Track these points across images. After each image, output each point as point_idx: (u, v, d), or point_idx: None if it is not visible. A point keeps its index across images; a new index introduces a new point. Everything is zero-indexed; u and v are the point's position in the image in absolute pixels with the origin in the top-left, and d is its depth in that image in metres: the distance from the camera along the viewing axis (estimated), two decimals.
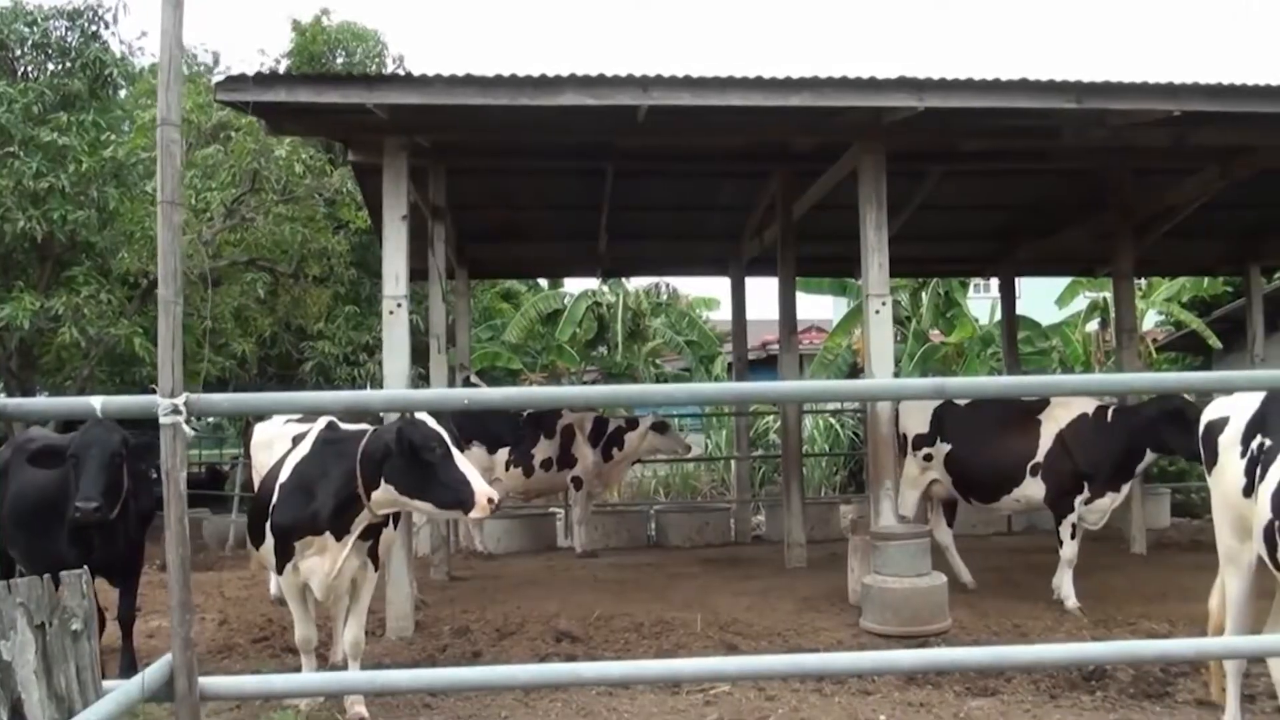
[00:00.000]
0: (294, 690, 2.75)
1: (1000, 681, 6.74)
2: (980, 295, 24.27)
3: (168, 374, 3.02)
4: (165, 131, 3.24)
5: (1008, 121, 8.67)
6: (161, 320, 3.11)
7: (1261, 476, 4.66)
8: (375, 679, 3.52)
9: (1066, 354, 21.07)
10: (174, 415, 2.92)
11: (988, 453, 9.38)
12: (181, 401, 2.95)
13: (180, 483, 3.00)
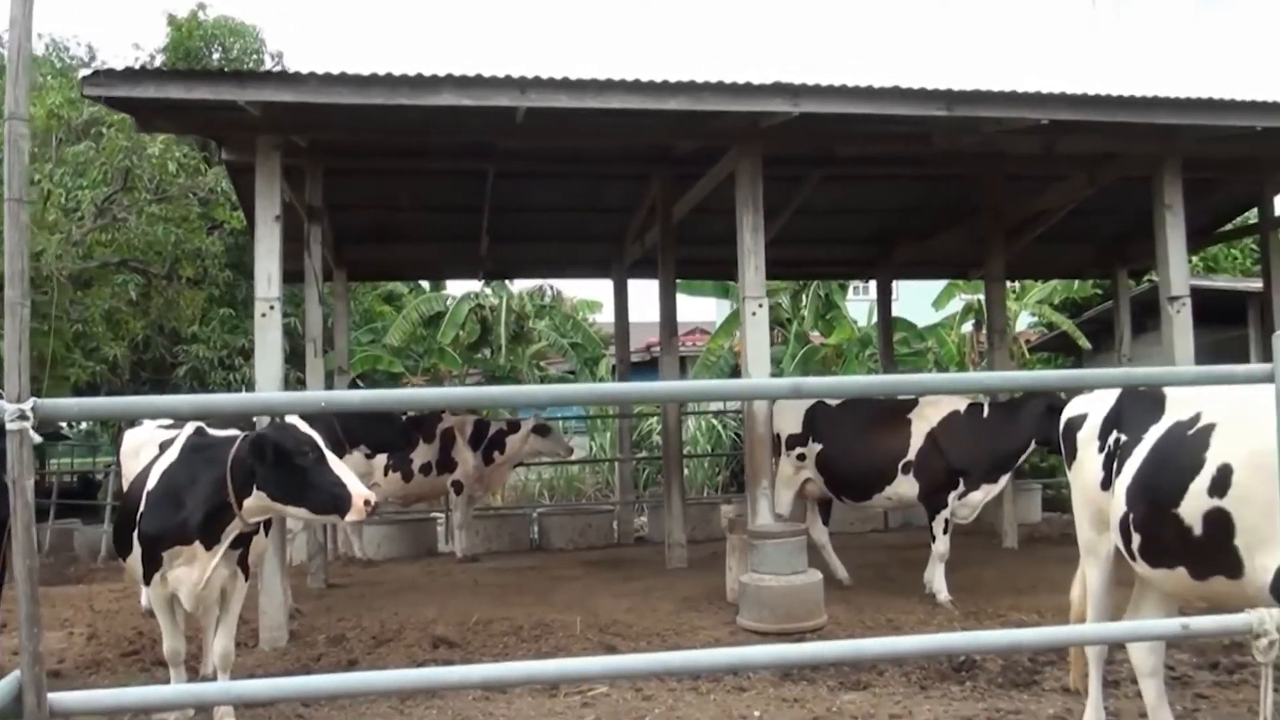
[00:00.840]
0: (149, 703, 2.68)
1: (873, 675, 6.87)
2: (860, 298, 24.69)
3: (14, 379, 2.91)
4: (13, 126, 3.12)
5: (882, 127, 8.83)
6: (8, 323, 3.00)
7: (1117, 471, 4.83)
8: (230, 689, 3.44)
9: (942, 355, 21.58)
10: (20, 421, 2.82)
11: (859, 452, 9.58)
12: (29, 406, 2.85)
13: (27, 491, 2.89)
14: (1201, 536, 4.28)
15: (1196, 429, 4.44)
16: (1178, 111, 8.62)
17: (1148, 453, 4.65)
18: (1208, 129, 8.93)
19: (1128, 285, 15.79)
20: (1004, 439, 9.25)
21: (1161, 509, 4.46)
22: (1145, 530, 4.61)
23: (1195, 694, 6.38)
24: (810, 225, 13.82)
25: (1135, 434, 4.79)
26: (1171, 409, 4.68)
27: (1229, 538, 4.16)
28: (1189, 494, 4.32)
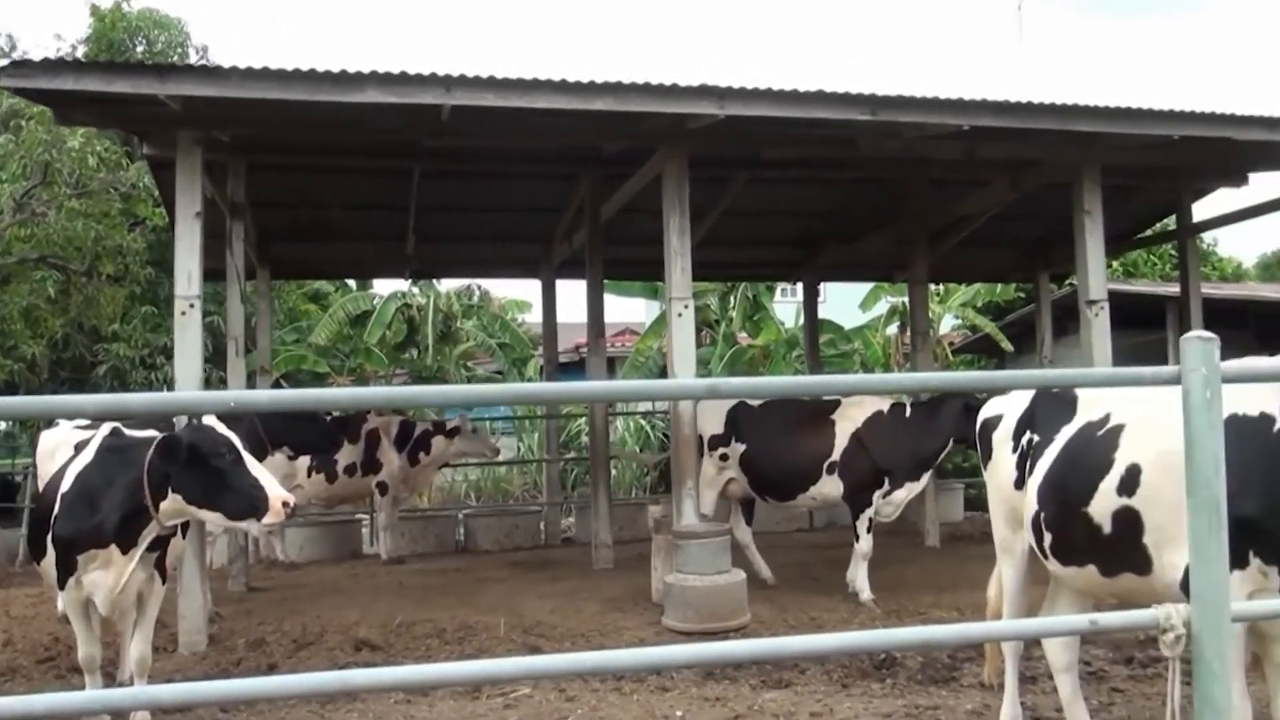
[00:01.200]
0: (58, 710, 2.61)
1: (795, 673, 6.93)
2: (787, 299, 24.85)
3: None
4: None
5: (807, 131, 8.90)
6: None
7: (1030, 470, 4.94)
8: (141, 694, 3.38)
9: (867, 356, 21.80)
10: None
11: (784, 452, 9.67)
12: None
13: None
14: (1111, 535, 4.38)
15: (1106, 429, 4.54)
16: (1097, 120, 8.80)
17: (1059, 453, 4.76)
18: (1126, 137, 9.10)
19: (1049, 289, 16.07)
20: (926, 438, 9.42)
21: (1072, 508, 4.55)
22: (1056, 529, 4.71)
23: (1111, 688, 6.53)
24: (738, 227, 13.90)
25: (1047, 434, 4.89)
26: (1083, 410, 4.78)
27: (1138, 536, 4.26)
28: (1099, 493, 4.42)
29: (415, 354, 24.40)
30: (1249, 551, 3.88)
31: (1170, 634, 2.87)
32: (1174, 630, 2.87)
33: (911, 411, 9.57)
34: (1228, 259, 32.50)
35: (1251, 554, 3.88)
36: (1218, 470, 2.81)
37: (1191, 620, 2.85)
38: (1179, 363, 2.88)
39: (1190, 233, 13.89)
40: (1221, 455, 2.84)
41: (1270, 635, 4.03)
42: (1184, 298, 13.41)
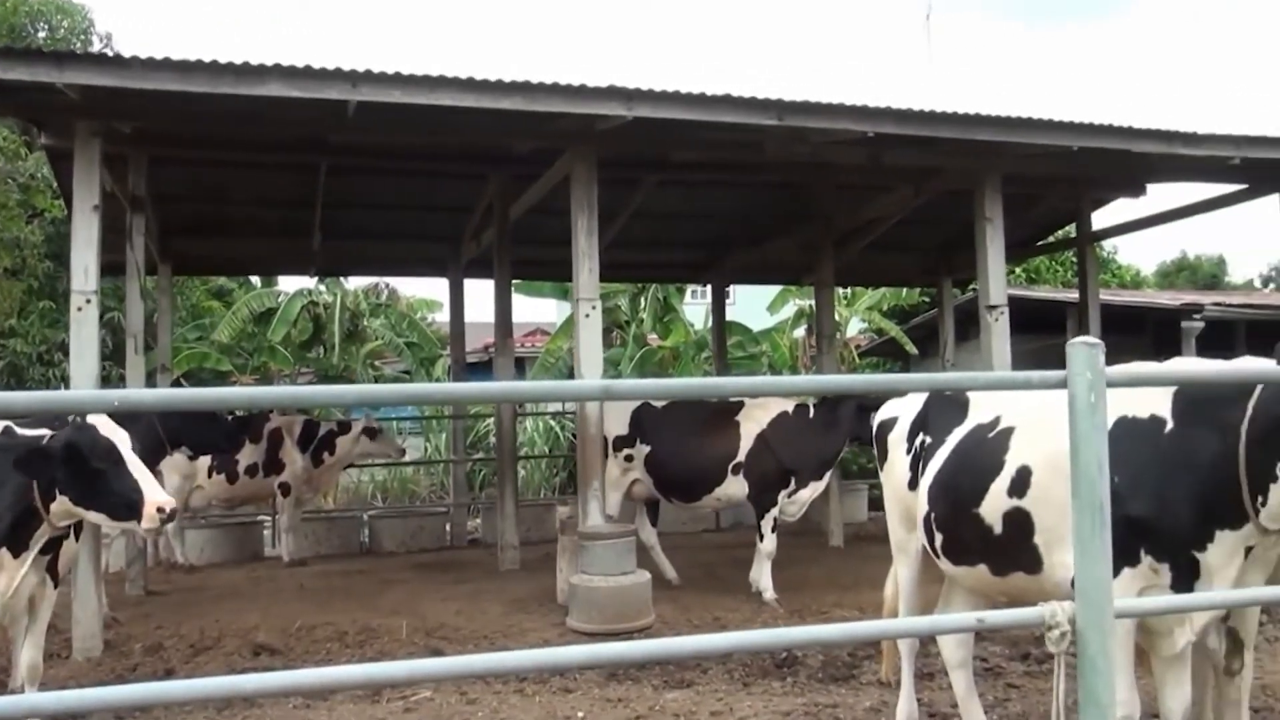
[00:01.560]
0: None
1: (696, 673, 6.97)
2: (698, 301, 24.98)
3: None
4: None
5: (716, 134, 8.93)
6: None
7: (923, 471, 5.03)
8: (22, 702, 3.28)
9: (775, 358, 22.02)
10: None
11: (688, 453, 9.74)
12: None
13: None
14: (1002, 535, 4.47)
15: (997, 432, 4.64)
16: (997, 129, 8.98)
17: (950, 454, 4.85)
18: (1026, 146, 9.29)
19: (952, 294, 16.36)
20: (829, 438, 9.58)
21: (963, 509, 4.64)
22: (948, 529, 4.80)
23: (1006, 684, 6.67)
24: (648, 228, 13.95)
25: (939, 436, 4.98)
26: (974, 413, 4.88)
27: (1028, 536, 4.35)
28: (989, 494, 4.51)
29: (321, 353, 24.04)
30: (1140, 549, 3.98)
31: (1056, 631, 2.93)
32: (1059, 627, 2.93)
33: (815, 412, 9.70)
34: (1127, 267, 33.41)
35: (1143, 552, 3.98)
36: (1101, 471, 2.88)
37: (1076, 617, 2.91)
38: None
39: (1089, 241, 14.24)
40: (1105, 457, 2.91)
41: (1157, 631, 4.15)
42: (1083, 304, 13.74)
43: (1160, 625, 4.13)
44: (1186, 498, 3.90)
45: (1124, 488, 3.98)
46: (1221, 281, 48.93)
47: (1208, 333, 15.85)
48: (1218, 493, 3.84)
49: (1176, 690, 4.30)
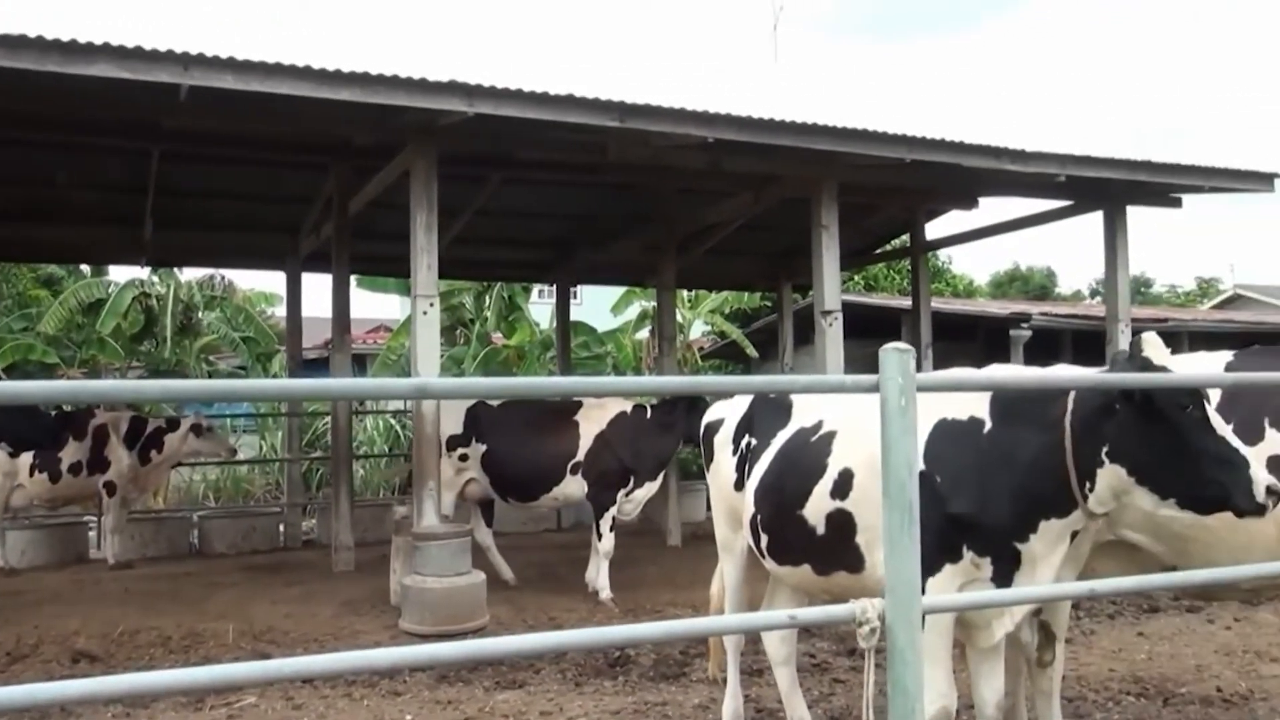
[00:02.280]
0: None
1: (529, 674, 6.96)
2: (544, 301, 24.92)
3: None
4: None
5: (559, 134, 8.89)
6: None
7: (749, 473, 5.10)
8: None
9: (620, 359, 22.13)
10: None
11: (526, 453, 9.72)
12: None
13: None
14: (825, 535, 4.56)
15: (820, 435, 4.73)
16: (834, 139, 9.16)
17: (774, 457, 4.93)
18: (862, 157, 9.48)
19: (792, 299, 16.69)
20: (666, 439, 9.70)
21: (787, 510, 4.72)
22: (773, 530, 4.88)
23: (833, 679, 6.82)
24: (493, 227, 13.87)
25: (765, 439, 5.06)
26: (797, 416, 4.97)
27: (850, 536, 4.45)
28: (813, 496, 4.60)
29: (153, 346, 23.13)
30: (963, 545, 4.11)
31: (866, 626, 2.99)
32: (869, 623, 2.98)
33: (652, 413, 9.80)
34: (960, 276, 34.62)
35: (965, 547, 4.11)
36: (911, 472, 2.94)
37: (885, 613, 2.97)
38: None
39: (923, 251, 14.70)
40: (915, 458, 2.98)
41: (976, 624, 4.29)
42: (915, 311, 14.17)
43: (979, 619, 4.27)
44: (1008, 492, 4.04)
45: (946, 487, 4.11)
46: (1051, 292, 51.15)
47: (1035, 341, 16.49)
48: (1043, 484, 3.99)
49: (991, 681, 4.46)
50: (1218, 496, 3.68)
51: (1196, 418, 3.69)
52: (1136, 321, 13.89)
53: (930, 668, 4.15)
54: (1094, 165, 10.19)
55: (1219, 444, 3.67)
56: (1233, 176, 10.98)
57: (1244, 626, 8.36)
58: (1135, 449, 3.76)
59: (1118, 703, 6.43)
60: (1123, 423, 3.76)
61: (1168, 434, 3.69)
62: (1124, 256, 11.33)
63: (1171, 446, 3.70)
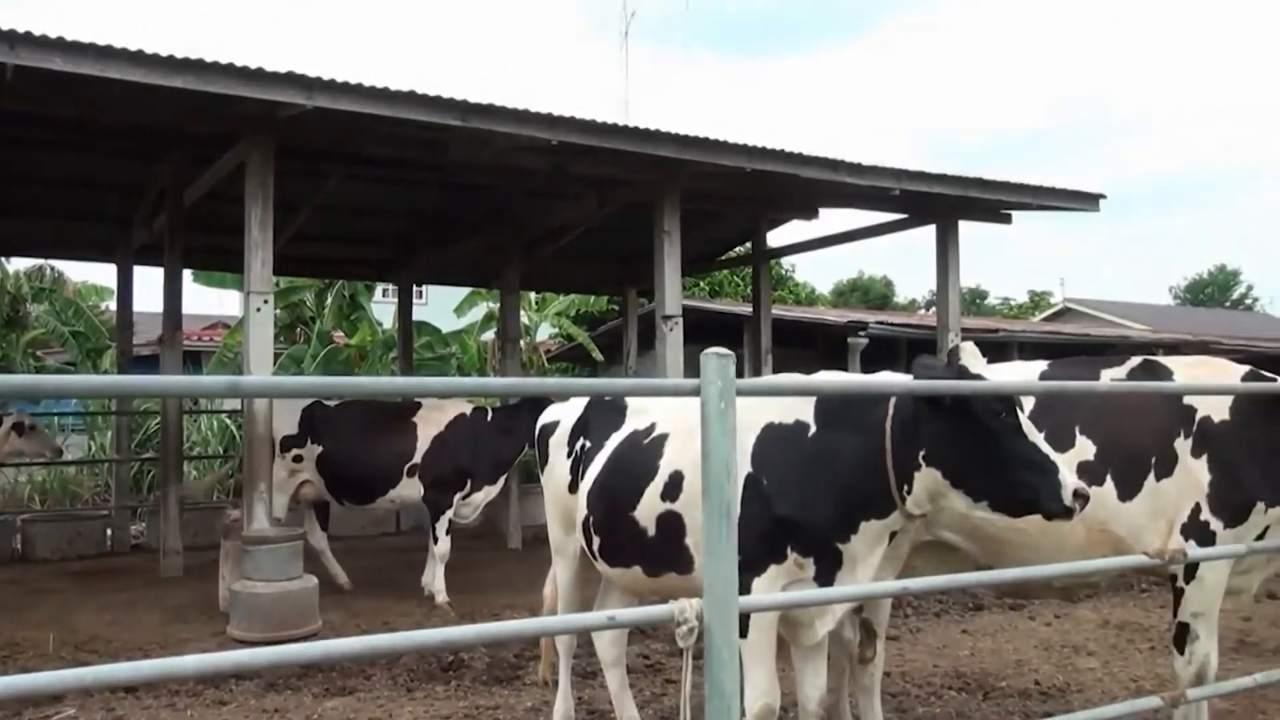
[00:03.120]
0: None
1: (359, 680, 6.86)
2: (389, 300, 24.51)
3: None
4: None
5: (402, 131, 8.77)
6: None
7: (582, 475, 5.12)
8: None
9: (464, 360, 21.93)
10: None
11: (362, 454, 9.58)
12: None
13: None
14: (655, 537, 4.61)
15: (652, 438, 4.78)
16: (676, 146, 9.26)
17: (607, 459, 4.96)
18: (704, 165, 9.59)
19: (637, 303, 16.78)
20: (506, 442, 9.64)
21: (620, 512, 4.76)
22: (605, 531, 4.91)
23: (665, 679, 6.88)
24: (335, 223, 13.62)
25: (599, 441, 5.09)
26: (631, 419, 5.01)
27: (680, 537, 4.50)
28: (645, 498, 4.65)
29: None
30: (787, 546, 4.19)
31: (684, 627, 3.02)
32: (688, 623, 3.02)
33: (493, 415, 9.75)
34: (803, 284, 35.37)
35: (789, 548, 4.19)
36: (730, 475, 3.00)
37: (704, 613, 3.01)
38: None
39: (764, 258, 14.97)
40: (734, 461, 3.03)
41: (800, 622, 4.39)
42: (756, 317, 14.41)
43: (803, 617, 4.37)
44: (830, 494, 4.14)
45: (771, 489, 4.19)
46: (890, 301, 52.74)
47: (872, 348, 16.94)
48: (864, 486, 4.10)
49: (814, 679, 4.57)
50: (1027, 499, 3.83)
51: (1008, 424, 3.84)
52: (968, 331, 14.43)
53: (754, 666, 4.24)
54: (927, 180, 10.53)
55: (1029, 449, 3.83)
56: (1060, 196, 11.47)
57: (1064, 623, 8.76)
58: (950, 453, 3.89)
59: (940, 697, 6.65)
60: (939, 428, 3.89)
61: (981, 439, 3.83)
62: (955, 269, 11.72)
63: (984, 451, 3.84)
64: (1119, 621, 8.72)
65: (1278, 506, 4.71)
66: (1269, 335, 33.69)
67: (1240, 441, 4.70)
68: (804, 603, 4.14)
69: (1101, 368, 5.10)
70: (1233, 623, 8.46)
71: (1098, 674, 7.25)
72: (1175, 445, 4.75)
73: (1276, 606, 9.41)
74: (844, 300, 48.50)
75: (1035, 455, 3.81)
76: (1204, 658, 4.87)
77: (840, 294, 52.05)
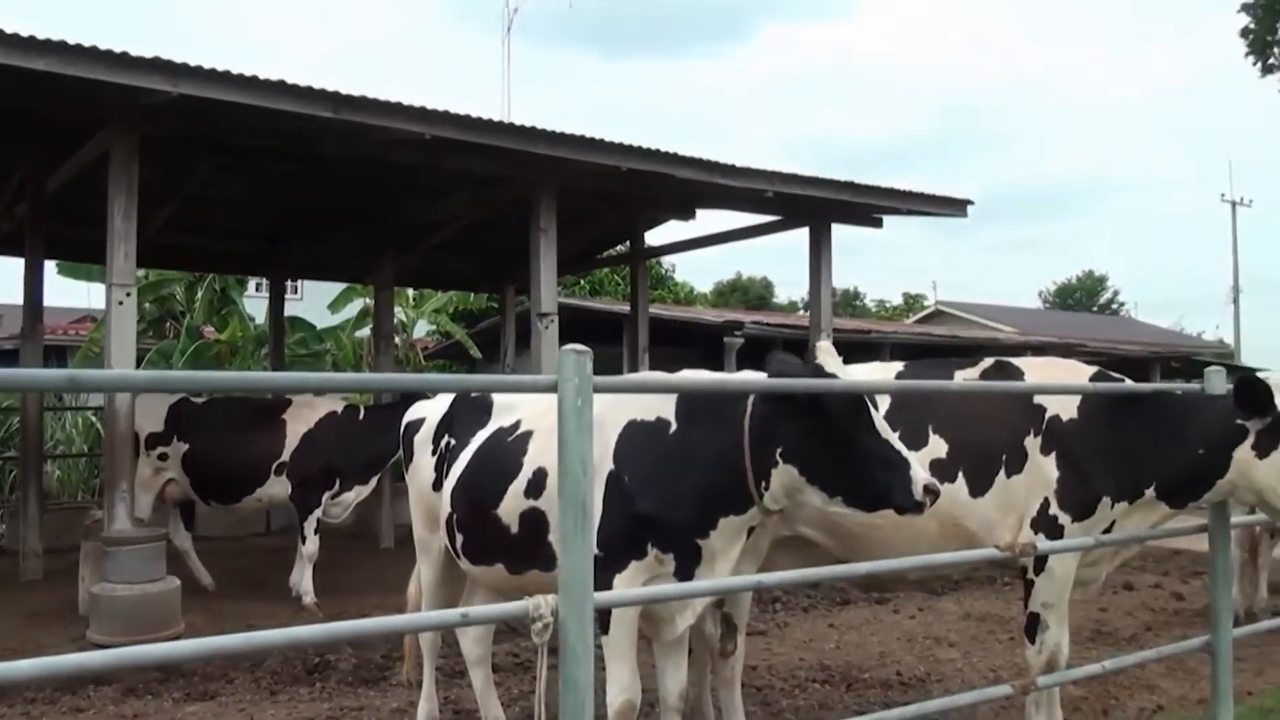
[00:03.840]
0: None
1: (221, 684, 6.74)
2: (260, 295, 23.98)
3: None
4: None
5: (273, 122, 8.59)
6: None
7: (447, 473, 5.10)
8: None
9: (339, 357, 21.55)
10: None
11: (229, 452, 9.38)
12: None
13: None
14: (519, 534, 4.61)
15: (517, 435, 4.78)
16: (552, 144, 9.23)
17: (472, 456, 4.95)
18: (579, 163, 9.57)
19: (516, 301, 16.72)
20: (378, 441, 9.47)
21: (483, 509, 4.75)
22: (468, 529, 4.90)
23: (533, 677, 6.84)
24: (205, 215, 13.28)
25: (464, 438, 5.07)
26: (497, 416, 5.01)
27: (543, 535, 4.50)
28: (508, 495, 4.65)
29: None
30: (648, 542, 4.23)
31: (539, 623, 3.04)
32: (542, 619, 3.04)
33: (365, 414, 9.63)
34: (683, 283, 35.68)
35: (650, 544, 4.23)
36: (585, 470, 3.02)
37: (559, 609, 3.03)
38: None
39: (642, 257, 15.05)
40: (589, 457, 3.05)
41: (661, 618, 4.44)
42: (634, 316, 14.47)
43: (663, 612, 4.42)
44: (690, 490, 4.20)
45: (633, 486, 4.23)
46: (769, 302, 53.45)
47: (749, 348, 17.16)
48: (723, 482, 4.16)
49: (675, 674, 4.63)
50: (879, 495, 3.93)
51: (861, 421, 3.93)
52: (841, 332, 14.72)
53: (615, 662, 4.28)
54: (799, 183, 10.70)
55: (882, 446, 3.93)
56: (928, 201, 11.76)
57: (927, 616, 9.00)
58: (805, 450, 3.98)
59: (804, 689, 6.78)
60: (794, 425, 3.97)
61: (834, 436, 3.92)
62: (828, 270, 11.92)
63: (838, 448, 3.93)
64: (980, 614, 8.98)
65: (1123, 501, 4.91)
66: (1133, 339, 35.08)
67: (1087, 439, 4.89)
68: (661, 597, 4.19)
69: (955, 368, 5.26)
70: (1090, 613, 8.82)
71: (958, 664, 7.47)
72: (1025, 443, 4.92)
73: (1132, 598, 9.81)
74: (724, 301, 48.99)
75: (888, 452, 3.91)
76: (1054, 646, 5.06)
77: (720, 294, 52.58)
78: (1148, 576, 10.77)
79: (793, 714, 6.24)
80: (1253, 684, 6.81)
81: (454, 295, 22.20)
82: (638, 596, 4.05)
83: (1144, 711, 6.33)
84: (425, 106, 8.53)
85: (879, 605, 9.28)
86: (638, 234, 14.78)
